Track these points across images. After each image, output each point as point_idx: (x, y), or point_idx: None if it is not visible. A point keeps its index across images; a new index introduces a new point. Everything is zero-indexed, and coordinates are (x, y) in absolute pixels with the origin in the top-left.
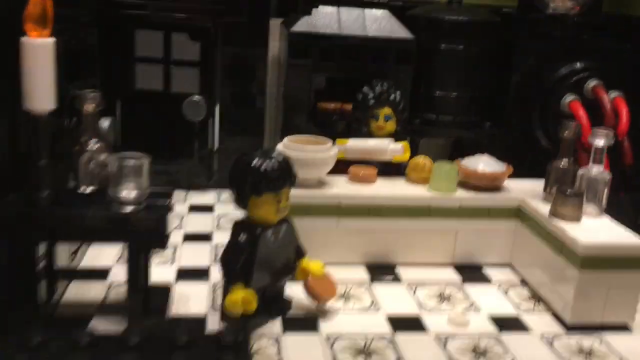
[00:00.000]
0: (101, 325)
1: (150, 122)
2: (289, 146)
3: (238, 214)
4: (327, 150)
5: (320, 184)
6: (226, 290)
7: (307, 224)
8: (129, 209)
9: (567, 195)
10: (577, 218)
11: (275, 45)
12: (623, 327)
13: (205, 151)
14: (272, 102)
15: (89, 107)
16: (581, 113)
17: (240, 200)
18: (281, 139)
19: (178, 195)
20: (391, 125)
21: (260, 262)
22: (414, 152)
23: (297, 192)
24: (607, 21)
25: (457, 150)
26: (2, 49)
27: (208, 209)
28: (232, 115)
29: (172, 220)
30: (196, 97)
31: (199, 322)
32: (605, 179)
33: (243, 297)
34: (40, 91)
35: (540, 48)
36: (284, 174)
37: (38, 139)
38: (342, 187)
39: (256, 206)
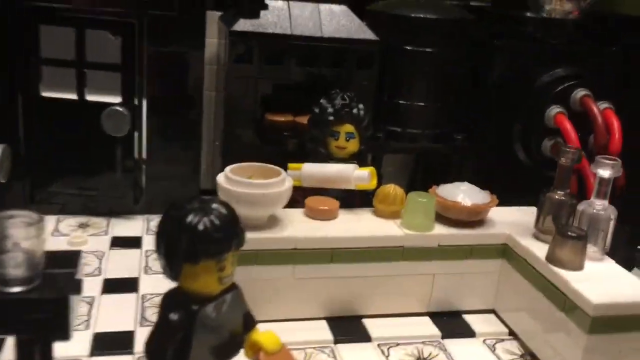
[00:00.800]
0: None
1: (60, 137)
2: (232, 180)
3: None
4: (280, 184)
5: (271, 222)
6: None
7: (254, 275)
8: (16, 289)
9: (568, 237)
10: (579, 265)
11: (213, 42)
12: None
13: (130, 163)
14: (211, 110)
15: None
16: (569, 128)
17: (170, 269)
18: (222, 158)
19: (97, 224)
20: (354, 145)
21: (198, 347)
22: (377, 167)
23: None
24: (589, 20)
25: (423, 166)
26: None
27: (134, 242)
28: (162, 127)
29: (89, 263)
30: (118, 107)
31: None
32: (610, 216)
33: None
34: None
35: (518, 51)
36: (229, 233)
37: None
38: (297, 227)
39: (192, 276)
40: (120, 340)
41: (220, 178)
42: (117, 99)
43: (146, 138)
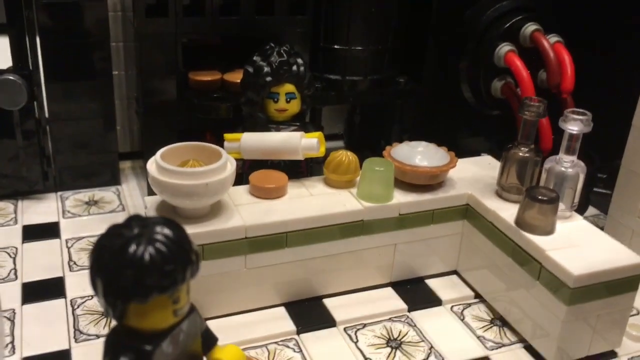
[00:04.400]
0: None
1: None
2: (165, 169)
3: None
4: (223, 170)
5: (214, 210)
6: None
7: (203, 270)
8: None
9: (538, 200)
10: (550, 229)
11: None
12: (609, 354)
13: (30, 126)
14: (120, 63)
15: None
16: (520, 67)
17: (113, 311)
18: (142, 119)
19: (4, 210)
20: (295, 106)
21: None
22: (316, 119)
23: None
24: None
25: (365, 113)
26: None
27: (51, 230)
28: (66, 91)
29: (1, 264)
30: (10, 76)
31: None
32: (578, 174)
33: None
34: None
35: None
36: (181, 261)
37: None
38: (244, 212)
39: (140, 314)
40: None
41: (151, 167)
42: (8, 67)
43: (47, 106)
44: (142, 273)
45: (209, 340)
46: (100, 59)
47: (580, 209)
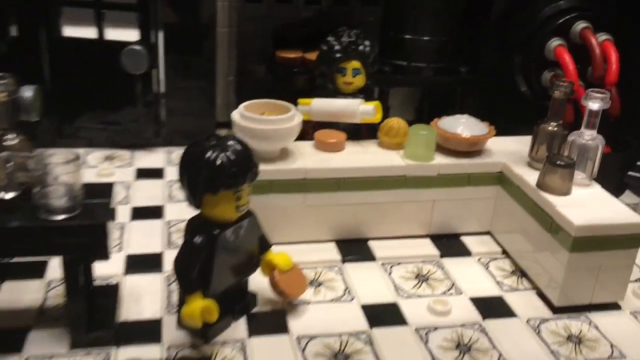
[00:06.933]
0: (39, 342)
1: (83, 75)
2: (246, 116)
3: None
4: (290, 120)
5: (283, 155)
6: (182, 300)
7: (269, 202)
8: (60, 217)
9: (557, 165)
10: (566, 190)
11: None
12: (612, 306)
13: (149, 97)
14: (224, 46)
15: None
16: (567, 60)
17: (193, 199)
18: (236, 93)
19: (122, 156)
20: (360, 80)
21: (219, 266)
22: (383, 100)
23: None
24: None
25: (429, 99)
26: None
27: (157, 173)
28: (179, 64)
29: (118, 193)
30: (136, 46)
31: (153, 328)
32: (598, 146)
33: (202, 308)
34: None
35: None
36: (244, 167)
37: None
38: (307, 159)
39: (212, 205)
40: (151, 261)
41: (235, 115)
42: (135, 38)
43: (164, 74)
44: (214, 173)
45: (264, 244)
46: (208, 41)
47: (617, 192)
